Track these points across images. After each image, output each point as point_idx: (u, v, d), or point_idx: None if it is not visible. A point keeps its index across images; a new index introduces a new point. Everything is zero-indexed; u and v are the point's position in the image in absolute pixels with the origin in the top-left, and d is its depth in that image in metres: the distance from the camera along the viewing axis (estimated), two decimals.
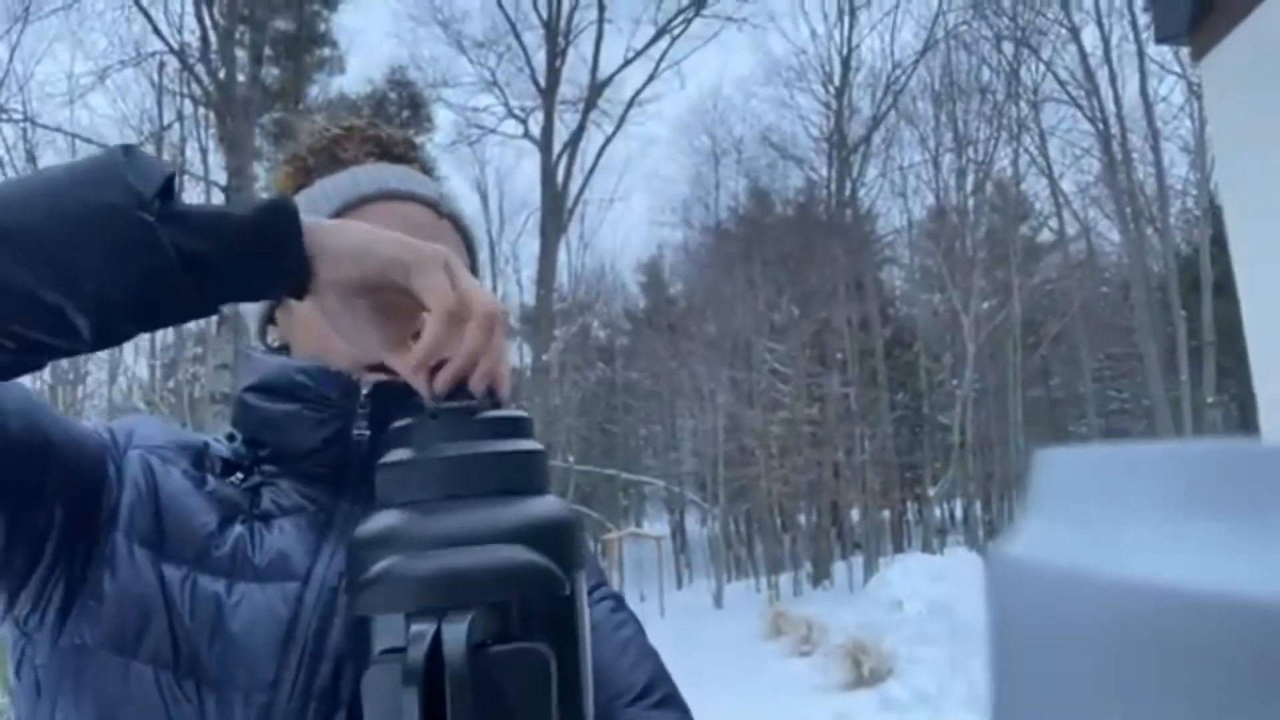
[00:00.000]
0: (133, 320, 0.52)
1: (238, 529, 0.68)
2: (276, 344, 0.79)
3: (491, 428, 0.55)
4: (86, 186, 0.50)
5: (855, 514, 25.06)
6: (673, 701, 0.74)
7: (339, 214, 0.75)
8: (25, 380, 0.60)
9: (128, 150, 0.52)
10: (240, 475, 0.72)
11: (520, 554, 0.50)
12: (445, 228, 0.79)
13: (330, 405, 0.69)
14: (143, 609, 0.63)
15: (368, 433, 0.69)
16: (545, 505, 0.54)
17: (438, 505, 0.52)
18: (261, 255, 0.53)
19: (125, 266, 0.49)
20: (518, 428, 0.57)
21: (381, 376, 0.69)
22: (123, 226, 0.49)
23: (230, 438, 0.77)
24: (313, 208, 0.75)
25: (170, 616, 0.63)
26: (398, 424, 0.57)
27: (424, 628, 0.47)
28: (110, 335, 0.53)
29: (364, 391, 0.70)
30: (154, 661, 0.62)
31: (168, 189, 0.51)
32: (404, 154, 0.83)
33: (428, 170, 0.85)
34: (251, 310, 0.80)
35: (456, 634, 0.46)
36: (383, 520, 0.53)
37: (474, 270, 0.82)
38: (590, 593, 0.71)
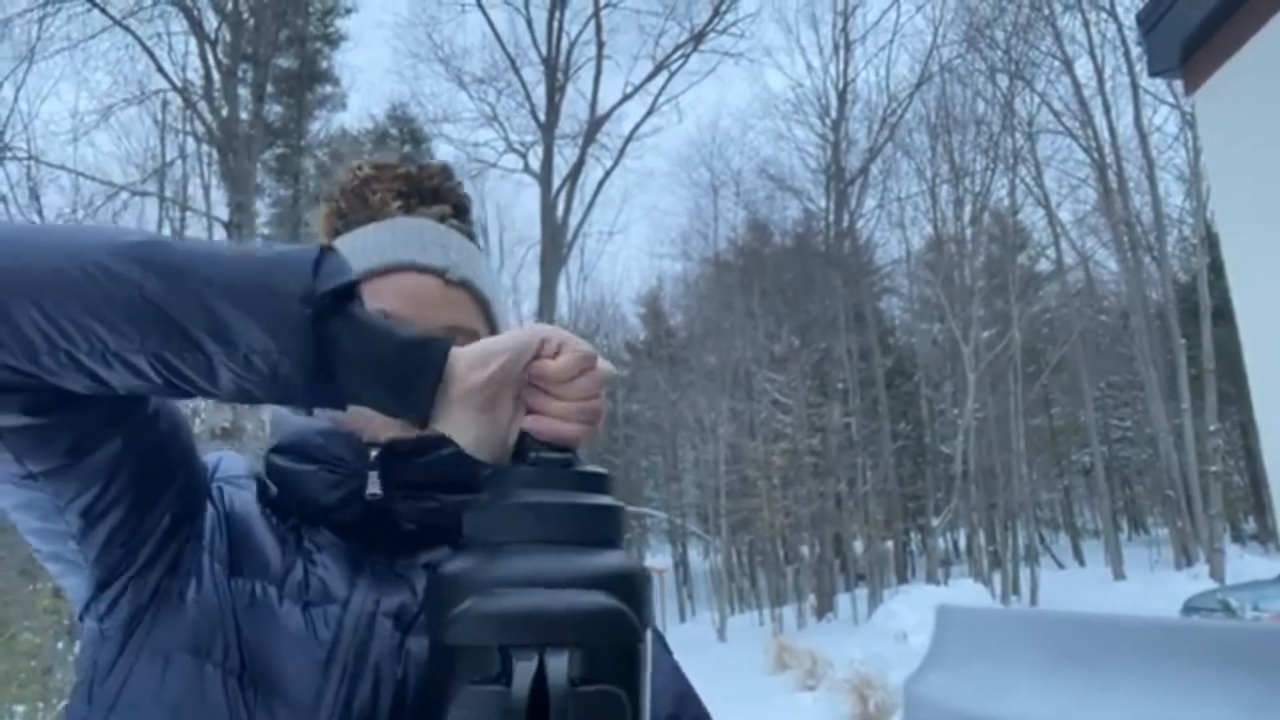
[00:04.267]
0: (269, 393, 0.57)
1: (290, 558, 0.72)
2: None
3: (583, 481, 0.59)
4: (269, 264, 0.56)
5: (858, 545, 24.90)
6: None
7: None
8: None
9: (325, 250, 0.57)
10: (278, 518, 0.76)
11: (607, 600, 0.53)
12: (457, 298, 0.78)
13: (344, 466, 0.72)
14: (218, 618, 0.68)
15: (379, 493, 0.71)
16: (625, 558, 0.58)
17: (531, 548, 0.55)
18: (390, 382, 0.57)
19: (277, 342, 0.54)
20: (602, 484, 0.60)
21: (394, 433, 0.71)
22: (281, 308, 0.54)
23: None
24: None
25: (238, 627, 0.68)
26: (496, 469, 0.60)
27: (527, 661, 0.50)
28: (246, 397, 0.57)
29: (373, 453, 0.72)
30: (223, 666, 0.66)
31: (346, 292, 0.56)
32: (438, 187, 0.82)
33: (462, 205, 0.84)
34: None
35: (559, 668, 0.50)
36: (476, 557, 0.56)
37: (492, 330, 0.81)
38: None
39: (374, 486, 0.71)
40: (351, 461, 0.72)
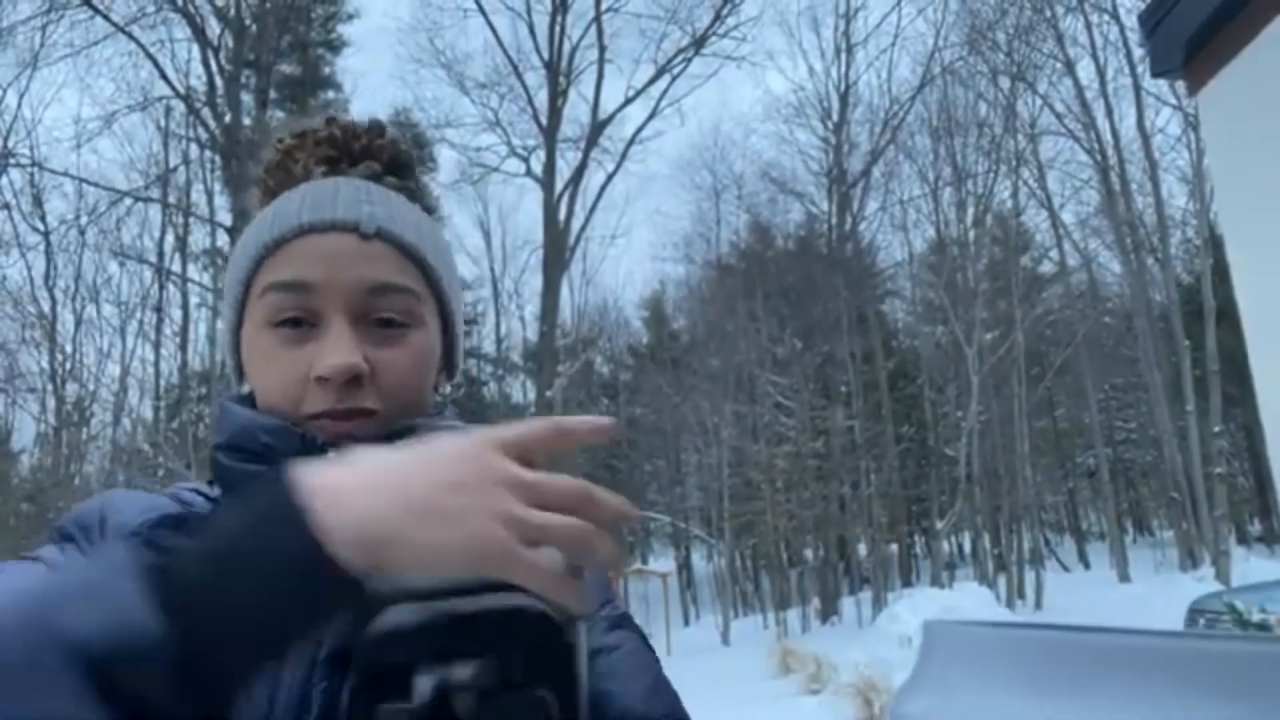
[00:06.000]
0: None
1: None
2: (247, 390, 0.73)
3: None
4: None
5: (862, 548, 24.86)
6: None
7: (258, 265, 0.68)
8: (30, 422, 0.53)
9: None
10: None
11: (519, 600, 0.49)
12: (377, 250, 0.68)
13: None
14: None
15: None
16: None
17: None
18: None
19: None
20: None
21: (327, 424, 0.65)
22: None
23: (212, 481, 0.72)
24: (237, 264, 0.70)
25: None
26: None
27: (429, 677, 0.46)
28: None
29: (329, 453, 0.62)
30: None
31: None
32: (367, 145, 0.75)
33: (398, 160, 0.76)
34: (229, 357, 0.75)
35: (462, 678, 0.46)
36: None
37: (432, 286, 0.72)
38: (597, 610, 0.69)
39: None
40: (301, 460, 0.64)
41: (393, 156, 0.76)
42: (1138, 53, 21.34)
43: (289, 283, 0.66)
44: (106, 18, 15.93)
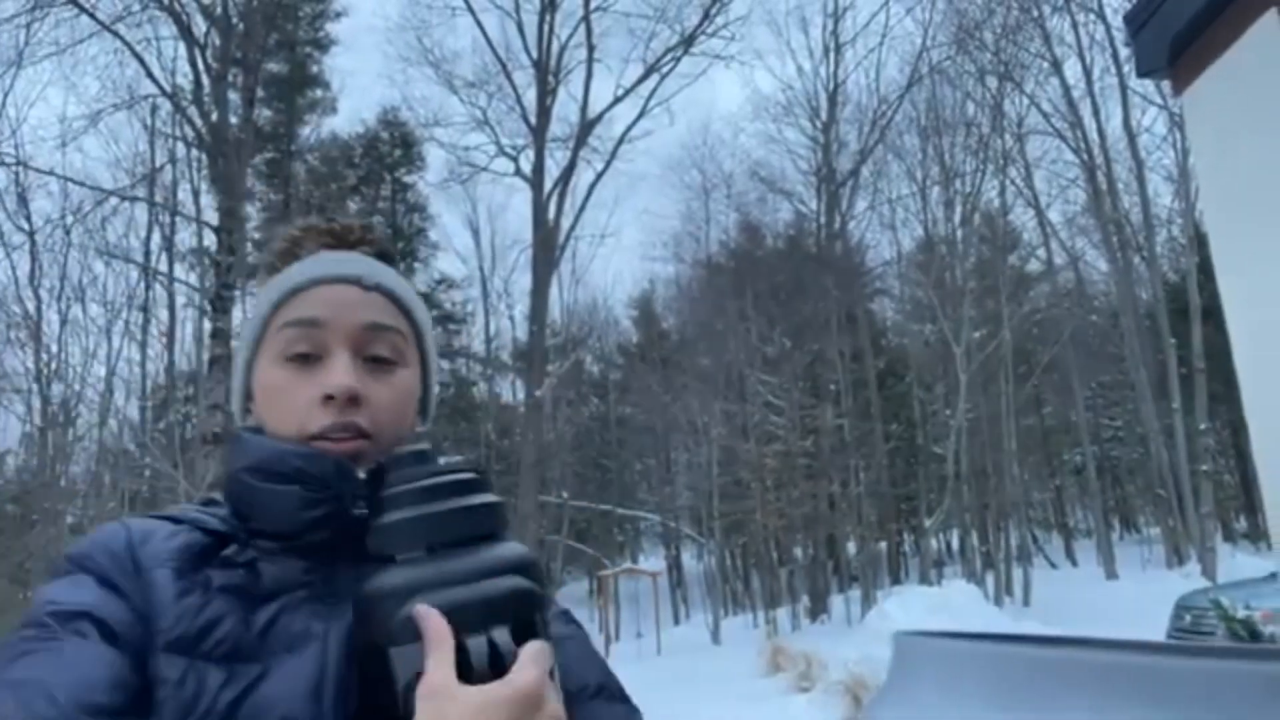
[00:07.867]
0: None
1: (257, 614, 0.71)
2: (253, 424, 0.83)
3: (469, 486, 0.69)
4: None
5: (852, 546, 24.92)
6: (623, 696, 0.83)
7: (276, 308, 0.81)
8: (16, 423, 0.59)
9: None
10: (235, 547, 0.74)
11: (525, 582, 0.65)
12: (374, 299, 0.82)
13: (327, 487, 0.74)
14: (189, 711, 0.65)
15: (366, 511, 0.73)
16: (521, 546, 0.69)
17: (441, 552, 0.66)
18: None
19: None
20: (486, 485, 0.71)
21: (328, 445, 0.75)
22: None
23: (207, 502, 0.80)
24: (257, 310, 0.84)
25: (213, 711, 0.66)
26: (389, 492, 0.69)
27: (480, 641, 0.61)
28: None
29: (361, 475, 0.74)
30: None
31: None
32: (359, 239, 0.88)
33: (385, 251, 0.89)
34: (235, 392, 0.86)
35: (504, 639, 0.61)
36: (398, 568, 0.65)
37: (415, 330, 0.86)
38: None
39: (362, 507, 0.74)
40: (335, 482, 0.74)
41: (381, 249, 0.89)
42: (1124, 52, 21.48)
43: (302, 320, 0.79)
44: (92, 15, 15.81)
